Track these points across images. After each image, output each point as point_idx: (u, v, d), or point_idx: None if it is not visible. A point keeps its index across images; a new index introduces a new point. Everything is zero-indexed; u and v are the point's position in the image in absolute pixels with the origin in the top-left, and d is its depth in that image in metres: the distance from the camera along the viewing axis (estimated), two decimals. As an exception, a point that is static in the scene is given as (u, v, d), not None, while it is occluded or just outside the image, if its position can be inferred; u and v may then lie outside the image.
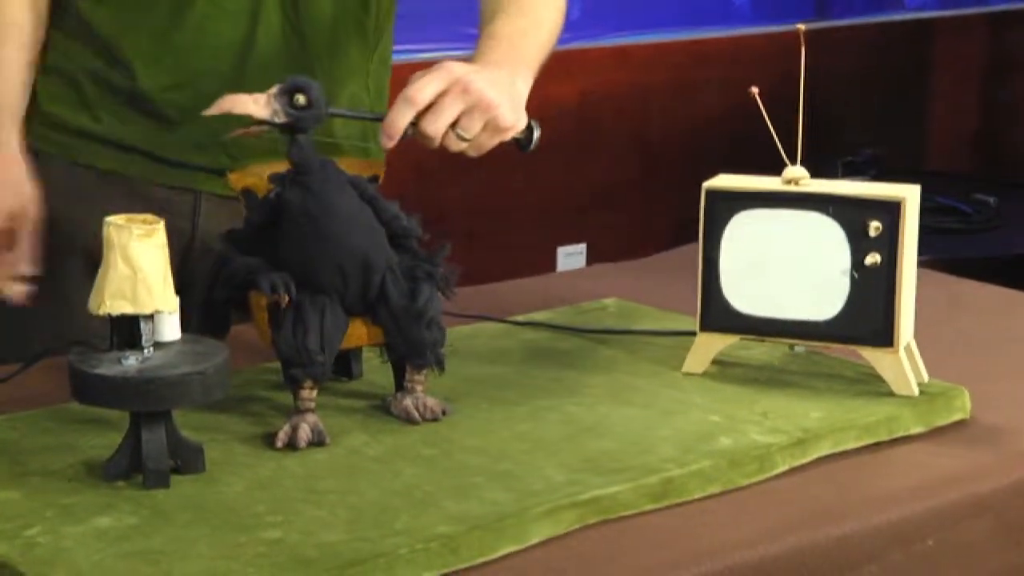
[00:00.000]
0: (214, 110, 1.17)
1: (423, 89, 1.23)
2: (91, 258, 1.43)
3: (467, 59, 1.33)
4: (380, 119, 1.25)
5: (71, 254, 1.47)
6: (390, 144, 1.24)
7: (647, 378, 1.32)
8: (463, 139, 1.26)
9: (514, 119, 1.28)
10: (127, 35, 1.45)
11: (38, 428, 1.19)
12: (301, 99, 1.17)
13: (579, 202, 3.18)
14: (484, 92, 1.24)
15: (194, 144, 1.46)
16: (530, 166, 3.00)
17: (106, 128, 1.48)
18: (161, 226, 1.07)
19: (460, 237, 2.91)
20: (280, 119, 1.17)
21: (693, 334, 1.34)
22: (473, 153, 1.30)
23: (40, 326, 1.48)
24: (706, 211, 1.30)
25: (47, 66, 1.48)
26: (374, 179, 1.25)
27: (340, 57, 1.52)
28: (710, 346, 1.33)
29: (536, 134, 1.32)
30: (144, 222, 1.06)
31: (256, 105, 1.17)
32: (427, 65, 1.28)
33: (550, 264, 3.15)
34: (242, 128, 1.19)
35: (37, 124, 1.51)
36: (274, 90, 1.17)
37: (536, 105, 1.36)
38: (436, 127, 1.24)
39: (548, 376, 1.33)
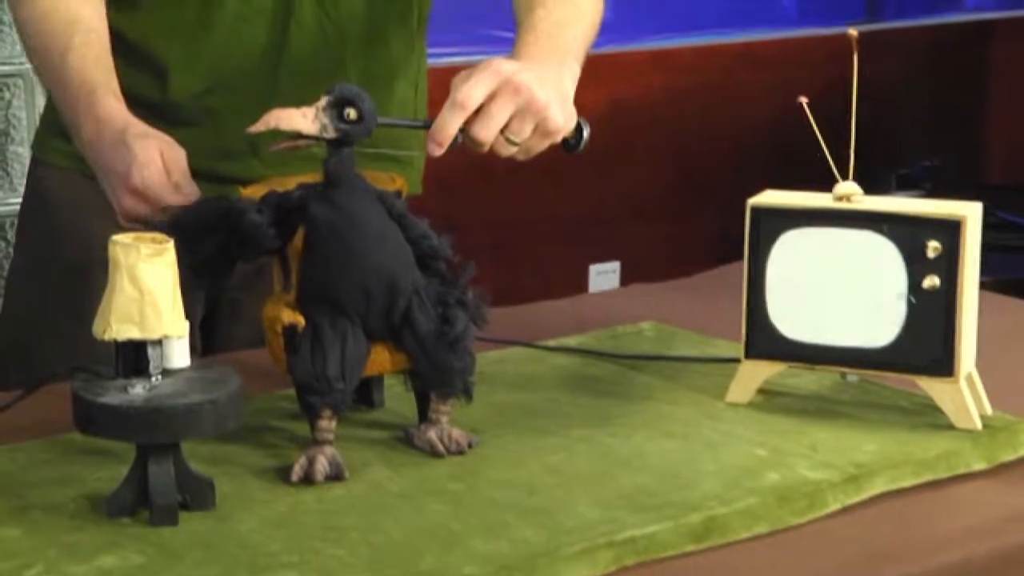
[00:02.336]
0: (260, 127, 1.18)
1: (472, 92, 1.23)
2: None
3: (507, 56, 1.32)
4: (427, 126, 1.25)
5: (87, 273, 1.48)
6: (439, 152, 1.24)
7: (687, 408, 1.32)
8: (513, 143, 1.26)
9: (564, 120, 1.28)
10: (157, 40, 1.48)
11: (39, 459, 1.19)
12: (352, 113, 1.18)
13: (612, 216, 3.18)
14: (534, 92, 1.24)
15: (224, 153, 1.48)
16: (559, 176, 3.01)
17: None
18: (170, 245, 1.07)
19: (484, 252, 2.91)
20: (330, 134, 1.18)
21: (737, 361, 1.33)
22: (522, 157, 1.30)
23: (54, 348, 1.49)
24: (752, 229, 1.30)
25: None
26: (397, 194, 1.26)
27: (381, 54, 1.53)
28: (755, 374, 1.32)
29: (586, 134, 1.33)
30: (153, 241, 1.07)
31: (304, 120, 1.17)
32: (454, 70, 1.28)
33: (580, 282, 3.16)
34: (287, 141, 1.19)
35: (56, 139, 1.52)
36: (322, 103, 1.17)
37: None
38: (488, 132, 1.24)
39: (581, 405, 1.33)
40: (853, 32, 1.27)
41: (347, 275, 1.18)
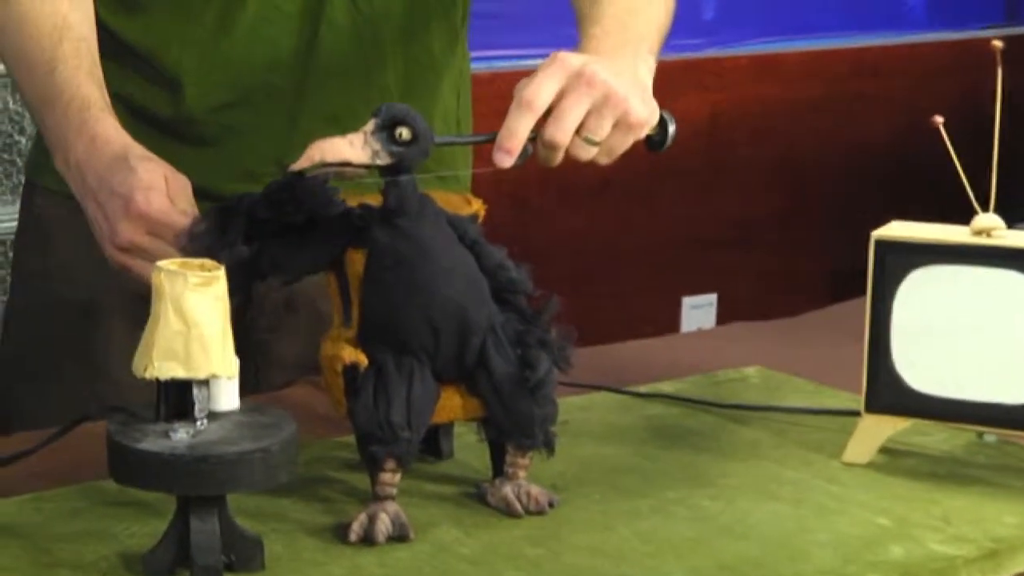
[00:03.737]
0: (303, 162, 1.17)
1: (540, 89, 1.23)
2: (125, 312, 1.46)
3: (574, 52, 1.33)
4: (492, 139, 1.25)
5: (102, 308, 1.49)
6: (509, 162, 1.23)
7: (798, 468, 1.31)
8: (592, 144, 1.26)
9: (647, 112, 1.27)
10: (169, 48, 1.47)
11: (67, 510, 1.20)
12: (405, 133, 1.18)
13: (709, 242, 3.17)
14: (611, 84, 1.24)
15: (246, 174, 1.47)
16: (649, 196, 3.01)
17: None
18: (221, 274, 1.08)
19: (564, 283, 2.90)
20: (383, 160, 1.18)
21: (857, 414, 1.33)
22: (605, 160, 1.29)
23: (66, 391, 1.50)
24: (876, 265, 1.29)
25: None
26: (474, 219, 1.26)
27: (422, 58, 1.53)
28: (877, 430, 1.31)
29: (671, 129, 1.32)
30: (201, 268, 1.08)
31: (352, 148, 1.17)
32: (519, 76, 1.28)
33: (672, 317, 3.15)
34: (339, 175, 1.19)
35: (51, 160, 1.53)
36: (370, 127, 1.17)
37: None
38: (563, 133, 1.23)
39: (676, 461, 1.32)
40: (998, 43, 1.26)
41: (413, 310, 1.18)
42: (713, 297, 3.19)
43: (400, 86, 1.50)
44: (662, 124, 1.31)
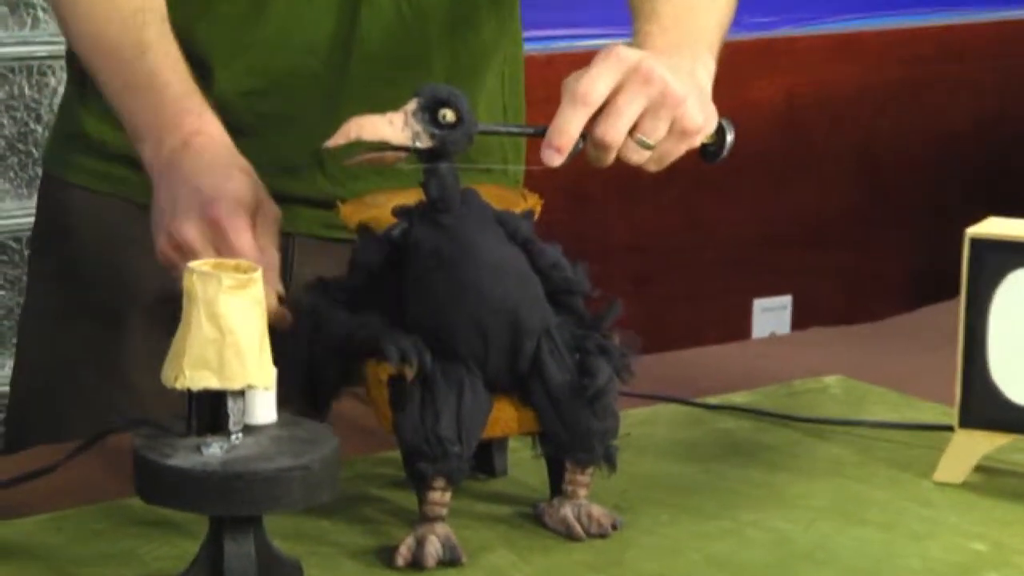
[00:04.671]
0: (339, 139, 1.18)
1: (595, 83, 1.23)
2: (150, 317, 1.47)
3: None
4: (541, 132, 1.25)
5: (125, 312, 1.50)
6: (558, 160, 1.23)
7: (885, 488, 1.31)
8: (646, 147, 1.26)
9: (703, 118, 1.28)
10: (198, 28, 1.48)
11: (89, 530, 1.21)
12: (449, 115, 1.18)
13: (783, 240, 3.16)
14: (668, 82, 1.24)
15: (283, 166, 1.48)
16: (718, 190, 3.01)
17: None
18: (258, 275, 1.09)
19: (627, 283, 2.92)
20: (424, 143, 1.18)
21: (949, 430, 1.32)
22: (654, 167, 1.29)
23: (78, 407, 1.51)
24: (971, 266, 1.28)
25: (86, 77, 1.51)
26: (528, 215, 1.26)
27: (470, 39, 1.54)
28: (972, 447, 1.31)
29: (729, 138, 1.32)
30: (236, 269, 1.09)
31: (392, 127, 1.18)
32: (576, 59, 1.27)
33: (743, 321, 3.15)
34: (370, 152, 1.20)
35: (81, 155, 1.54)
36: (412, 106, 1.18)
37: (726, 111, 1.35)
38: (616, 132, 1.24)
39: (751, 480, 1.32)
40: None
41: (461, 312, 1.18)
42: (787, 299, 3.18)
43: (446, 72, 1.50)
44: (720, 132, 1.31)
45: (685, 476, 1.33)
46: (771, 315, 3.16)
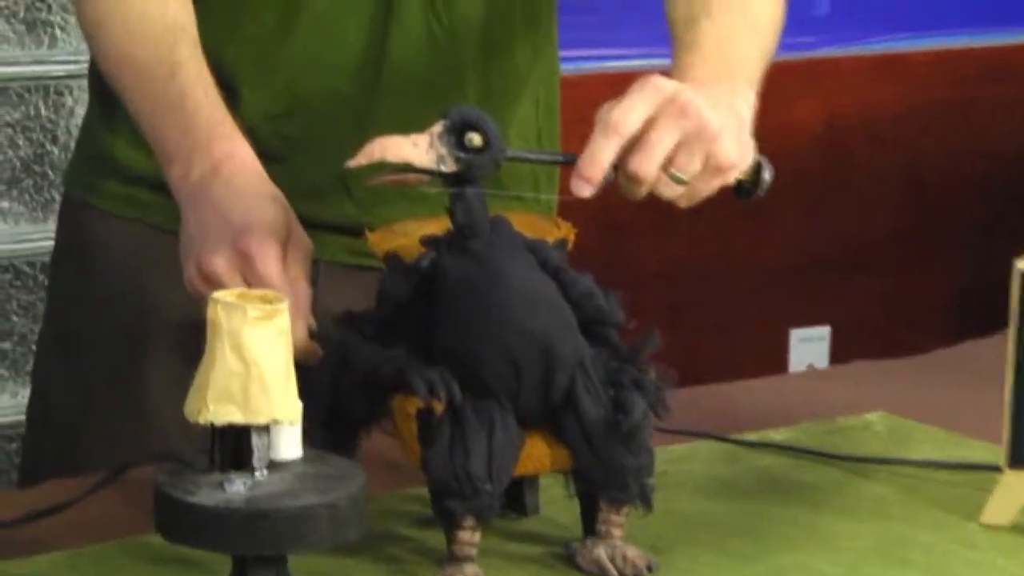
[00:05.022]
0: (361, 159, 1.19)
1: (628, 113, 1.23)
2: (173, 344, 1.47)
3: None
4: (572, 161, 1.26)
5: (147, 339, 1.51)
6: (588, 191, 1.23)
7: (930, 529, 1.31)
8: (679, 181, 1.26)
9: (739, 154, 1.27)
10: (226, 50, 1.48)
11: (109, 568, 1.21)
12: (476, 139, 1.19)
13: (822, 266, 3.16)
14: (704, 115, 1.24)
15: (310, 191, 1.48)
16: (755, 216, 3.00)
17: None
18: (284, 306, 1.09)
19: (660, 312, 2.92)
20: (448, 167, 1.19)
21: (997, 469, 1.32)
22: (686, 203, 1.29)
23: (96, 441, 1.51)
24: (1021, 299, 1.28)
25: (109, 97, 1.52)
26: (562, 244, 1.27)
27: (503, 61, 1.54)
28: (1021, 488, 1.30)
29: (766, 176, 1.31)
30: (262, 300, 1.09)
31: (416, 150, 1.19)
32: (607, 80, 1.28)
33: (779, 352, 3.14)
34: (392, 174, 1.21)
35: (103, 177, 1.55)
36: (438, 128, 1.19)
37: (766, 133, 1.35)
38: (649, 165, 1.24)
39: (791, 520, 1.32)
40: None
41: (491, 344, 1.19)
42: (826, 330, 3.17)
43: (478, 95, 1.51)
44: (757, 169, 1.31)
45: (723, 515, 1.33)
46: (809, 346, 3.15)
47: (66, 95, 2.51)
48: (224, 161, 1.34)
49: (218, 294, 1.09)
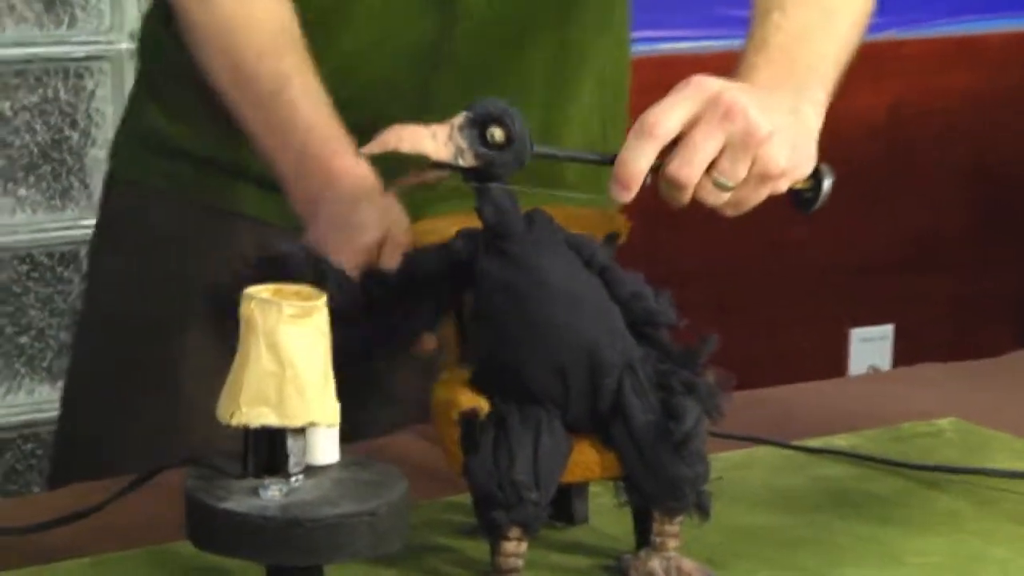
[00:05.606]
0: (375, 147, 1.20)
1: (667, 114, 1.23)
2: (214, 332, 1.48)
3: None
4: (609, 161, 1.26)
5: (187, 325, 1.52)
6: (626, 196, 1.24)
7: (1007, 544, 1.30)
8: (724, 188, 1.26)
9: (791, 160, 1.26)
10: None
11: (134, 577, 1.22)
12: (497, 134, 1.19)
13: (884, 263, 3.15)
14: (751, 117, 1.24)
15: None
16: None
17: (238, 153, 1.52)
18: (322, 303, 1.09)
19: (708, 311, 2.90)
20: (467, 161, 1.19)
21: (1077, 481, 1.32)
22: (732, 211, 1.29)
23: (133, 432, 1.53)
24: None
25: (159, 72, 1.53)
26: (611, 239, 1.26)
27: (571, 52, 1.55)
28: (1103, 500, 1.30)
29: (826, 185, 1.31)
30: (298, 296, 1.09)
31: (434, 142, 1.19)
32: (669, 66, 1.28)
33: (839, 353, 3.14)
34: (413, 174, 1.22)
35: (150, 154, 1.57)
36: (459, 120, 1.19)
37: (825, 123, 1.34)
38: (690, 170, 1.24)
39: (857, 533, 1.31)
40: None
41: (534, 350, 1.19)
42: (888, 329, 3.17)
43: (543, 87, 1.51)
44: (816, 176, 1.30)
45: (785, 528, 1.32)
46: (870, 346, 3.15)
47: (86, 78, 2.52)
48: (340, 178, 1.37)
49: (252, 290, 1.09)
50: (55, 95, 2.51)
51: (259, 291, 1.09)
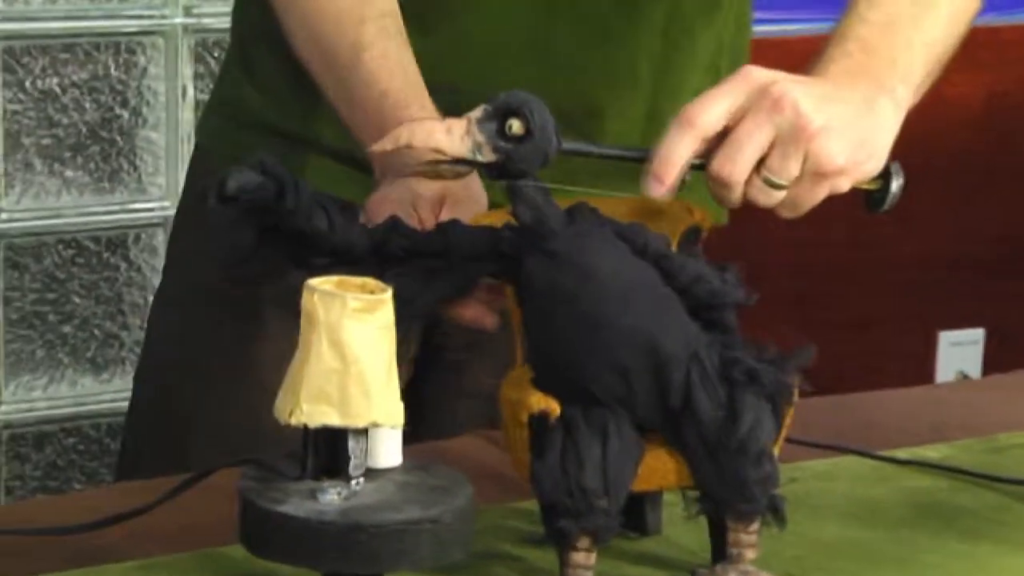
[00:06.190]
0: (387, 143, 1.20)
1: (709, 106, 1.23)
2: (292, 313, 1.50)
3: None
4: (642, 157, 1.25)
5: (265, 306, 1.54)
6: (660, 190, 1.23)
7: (1109, 565, 1.30)
8: (776, 187, 1.25)
9: (849, 157, 1.25)
10: None
11: (183, 581, 1.23)
12: (516, 126, 1.19)
13: (977, 262, 3.13)
14: (802, 109, 1.22)
15: None
16: (901, 202, 2.98)
17: (325, 130, 1.53)
18: (388, 297, 1.10)
19: (787, 306, 2.91)
20: (485, 156, 1.19)
21: None
22: (789, 213, 1.28)
23: (211, 415, 1.55)
24: None
25: (251, 43, 1.54)
26: (692, 234, 1.26)
27: (681, 39, 1.56)
28: None
29: (894, 186, 1.30)
30: (362, 288, 1.09)
31: (449, 137, 1.19)
32: (780, 48, 1.28)
33: (926, 356, 3.12)
34: (429, 168, 1.22)
35: (235, 126, 1.59)
36: (477, 113, 1.19)
37: (916, 113, 1.34)
38: (735, 167, 1.23)
39: (948, 550, 1.31)
40: None
41: (591, 350, 1.18)
42: (979, 332, 3.15)
43: (653, 73, 1.51)
44: (885, 176, 1.29)
45: (870, 542, 1.32)
46: (960, 350, 3.13)
47: (138, 53, 2.53)
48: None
49: (314, 281, 1.10)
50: (105, 72, 2.51)
51: (321, 283, 1.10)
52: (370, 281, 1.11)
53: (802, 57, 1.33)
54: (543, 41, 1.52)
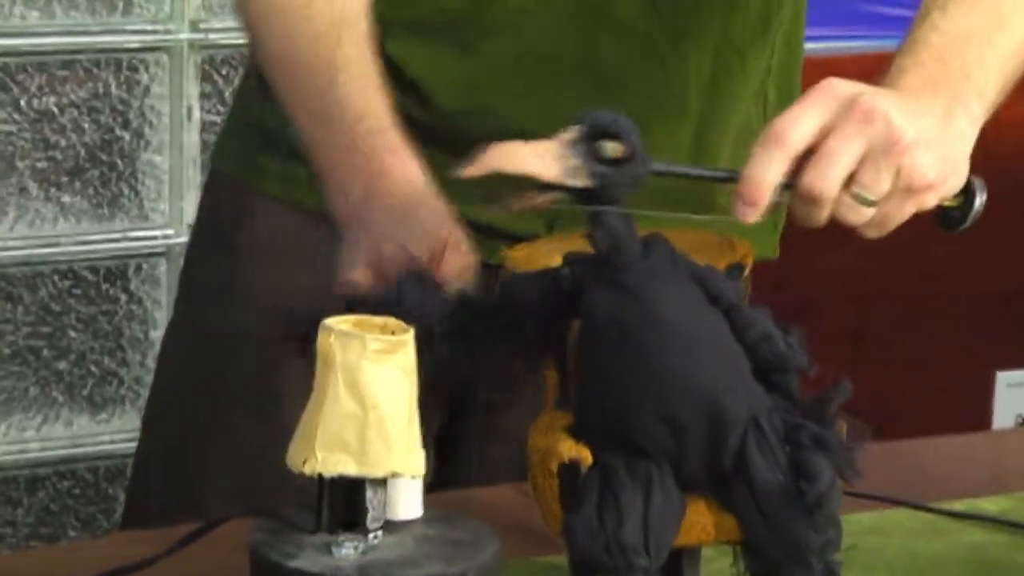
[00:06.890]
0: (476, 169, 1.21)
1: (798, 122, 1.24)
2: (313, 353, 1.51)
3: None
4: (732, 177, 1.26)
5: (279, 347, 1.54)
6: (753, 214, 1.24)
7: None
8: (866, 203, 1.26)
9: (938, 173, 1.26)
10: (397, 39, 1.52)
11: (189, 639, 1.23)
12: (612, 148, 1.19)
13: (1038, 296, 3.13)
14: (895, 122, 1.24)
15: (488, 194, 1.50)
16: (957, 234, 2.98)
17: None
18: (410, 338, 1.10)
19: (840, 343, 2.90)
20: (579, 181, 1.19)
21: None
22: (875, 232, 1.29)
23: (223, 455, 1.55)
24: None
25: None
26: (737, 269, 1.26)
27: (730, 58, 1.56)
28: None
29: (978, 202, 1.31)
30: (383, 329, 1.10)
31: (541, 161, 1.19)
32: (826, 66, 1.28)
33: (982, 397, 3.11)
34: (518, 198, 1.22)
35: (255, 150, 1.60)
36: (571, 134, 1.19)
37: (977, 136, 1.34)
38: (827, 181, 1.24)
39: (1009, 611, 1.32)
40: None
41: (644, 397, 1.18)
42: (1039, 373, 3.15)
43: (701, 97, 1.52)
44: (969, 192, 1.30)
45: (924, 602, 1.32)
46: (1018, 392, 3.12)
47: (141, 71, 2.53)
48: (383, 177, 1.39)
49: (331, 321, 1.10)
50: (106, 90, 2.51)
51: (339, 322, 1.10)
52: (391, 321, 1.11)
53: (854, 77, 1.33)
54: (588, 61, 1.52)
